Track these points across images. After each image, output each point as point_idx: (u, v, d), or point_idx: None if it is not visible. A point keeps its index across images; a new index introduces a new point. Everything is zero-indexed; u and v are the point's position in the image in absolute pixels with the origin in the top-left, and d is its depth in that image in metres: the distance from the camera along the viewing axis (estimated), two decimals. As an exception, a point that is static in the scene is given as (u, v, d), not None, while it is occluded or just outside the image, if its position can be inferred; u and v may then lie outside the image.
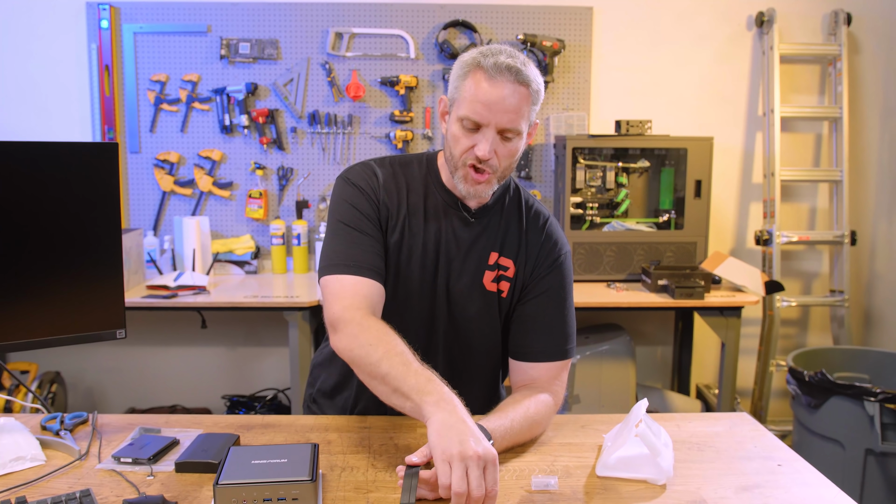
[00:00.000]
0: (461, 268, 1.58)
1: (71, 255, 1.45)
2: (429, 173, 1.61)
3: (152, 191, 3.45)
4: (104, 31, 3.31)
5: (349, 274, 1.47)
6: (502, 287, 1.60)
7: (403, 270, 1.57)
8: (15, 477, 1.33)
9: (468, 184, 1.50)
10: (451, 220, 1.58)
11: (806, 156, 3.60)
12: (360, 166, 1.60)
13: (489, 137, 1.44)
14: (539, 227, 1.63)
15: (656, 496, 1.27)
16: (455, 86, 1.49)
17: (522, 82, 1.43)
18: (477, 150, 1.45)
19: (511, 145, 1.47)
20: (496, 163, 1.47)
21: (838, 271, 3.54)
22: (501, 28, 3.40)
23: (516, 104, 1.43)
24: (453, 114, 1.49)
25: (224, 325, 3.55)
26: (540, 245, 1.61)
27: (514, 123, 1.44)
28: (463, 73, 1.47)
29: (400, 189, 1.59)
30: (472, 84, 1.44)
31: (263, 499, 1.17)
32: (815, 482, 1.33)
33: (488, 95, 1.42)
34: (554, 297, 1.60)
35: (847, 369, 3.11)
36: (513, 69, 1.42)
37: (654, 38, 3.48)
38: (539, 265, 1.60)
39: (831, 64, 3.49)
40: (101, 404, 3.63)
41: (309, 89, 3.41)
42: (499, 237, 1.60)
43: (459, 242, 1.58)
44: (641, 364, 3.62)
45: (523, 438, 1.46)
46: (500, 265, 1.60)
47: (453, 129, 1.49)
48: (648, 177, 3.38)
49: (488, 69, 1.42)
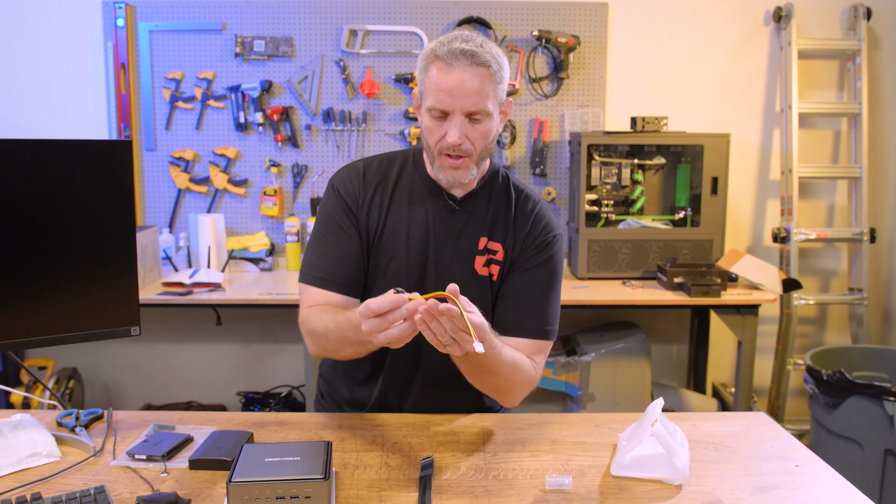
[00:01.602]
0: (452, 255, 1.61)
1: (85, 252, 1.46)
2: (415, 167, 1.65)
3: (168, 188, 3.46)
4: (120, 30, 3.33)
5: (315, 286, 1.58)
6: (493, 270, 1.63)
7: (392, 262, 1.60)
8: (30, 473, 1.33)
9: (446, 171, 1.54)
10: (438, 209, 1.62)
11: (824, 152, 3.56)
12: (346, 168, 1.66)
13: (457, 123, 1.48)
14: (528, 210, 1.65)
15: (672, 497, 1.26)
16: (420, 79, 1.54)
17: (480, 63, 1.45)
18: (448, 138, 1.49)
19: (482, 127, 1.50)
20: (469, 146, 1.51)
21: (857, 269, 3.50)
22: (516, 24, 3.38)
23: (478, 86, 1.46)
24: (423, 106, 1.54)
25: (239, 321, 3.56)
26: (528, 227, 1.63)
27: (479, 105, 1.47)
28: (424, 65, 1.51)
29: (386, 185, 1.63)
30: (433, 74, 1.48)
31: (276, 496, 1.17)
32: (833, 483, 1.32)
33: (448, 82, 1.46)
34: (539, 276, 1.61)
35: (866, 368, 3.08)
36: (468, 53, 1.45)
37: (670, 34, 3.46)
38: (527, 246, 1.62)
39: (850, 59, 3.45)
40: (117, 400, 3.65)
41: (323, 87, 3.41)
42: (487, 222, 1.63)
43: (448, 231, 1.61)
44: (657, 362, 3.60)
45: (504, 362, 1.43)
46: (490, 249, 1.62)
47: (425, 120, 1.53)
48: (664, 174, 3.35)
49: (444, 57, 1.46)
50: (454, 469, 1.36)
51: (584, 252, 3.19)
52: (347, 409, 1.73)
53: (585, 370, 3.12)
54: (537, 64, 3.41)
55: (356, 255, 1.60)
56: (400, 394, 1.67)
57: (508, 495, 1.26)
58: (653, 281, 3.18)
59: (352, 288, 1.59)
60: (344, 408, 1.74)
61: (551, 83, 3.43)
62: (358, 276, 1.61)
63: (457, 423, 1.57)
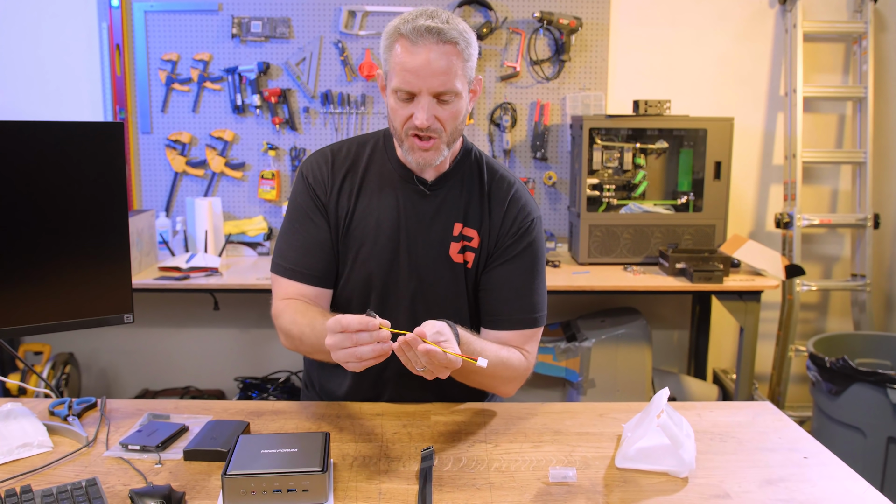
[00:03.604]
0: (425, 242, 1.56)
1: (76, 238, 1.42)
2: (385, 149, 1.59)
3: (164, 171, 3.42)
4: (115, 10, 3.27)
5: (286, 277, 1.57)
6: (468, 258, 1.57)
7: (362, 250, 1.56)
8: (22, 464, 1.30)
9: (415, 154, 1.47)
10: (409, 194, 1.56)
11: (828, 137, 3.52)
12: (316, 155, 1.61)
13: (424, 105, 1.41)
14: (503, 193, 1.59)
15: (678, 489, 1.24)
16: (384, 58, 1.46)
17: (447, 41, 1.38)
18: (415, 120, 1.42)
19: (451, 107, 1.44)
20: (439, 127, 1.44)
21: (860, 255, 3.47)
22: (517, 5, 3.32)
23: (445, 66, 1.39)
24: (388, 87, 1.46)
25: (237, 306, 3.53)
26: (504, 212, 1.57)
27: (447, 85, 1.40)
28: (388, 43, 1.44)
29: (356, 170, 1.58)
30: (398, 53, 1.41)
31: (273, 489, 1.14)
32: (842, 476, 1.29)
33: (413, 62, 1.38)
34: (521, 265, 1.57)
35: (869, 355, 3.05)
36: (433, 30, 1.37)
37: (674, 16, 3.40)
38: (504, 233, 1.57)
39: (856, 42, 3.40)
40: (114, 385, 3.63)
41: (321, 68, 3.36)
42: (461, 207, 1.57)
43: (420, 216, 1.56)
44: (658, 348, 3.57)
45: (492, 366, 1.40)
46: (465, 235, 1.57)
47: (390, 101, 1.46)
48: (666, 158, 3.31)
49: (409, 35, 1.39)
50: (455, 460, 1.33)
51: (585, 237, 3.15)
52: (325, 399, 1.69)
53: (586, 356, 3.09)
54: (539, 46, 3.36)
55: (325, 246, 1.56)
56: (374, 385, 1.62)
57: (511, 488, 1.23)
58: (654, 266, 3.15)
59: (323, 279, 1.57)
60: (324, 398, 1.70)
61: (553, 66, 3.38)
62: (329, 267, 1.57)
63: (458, 413, 1.54)
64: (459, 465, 1.31)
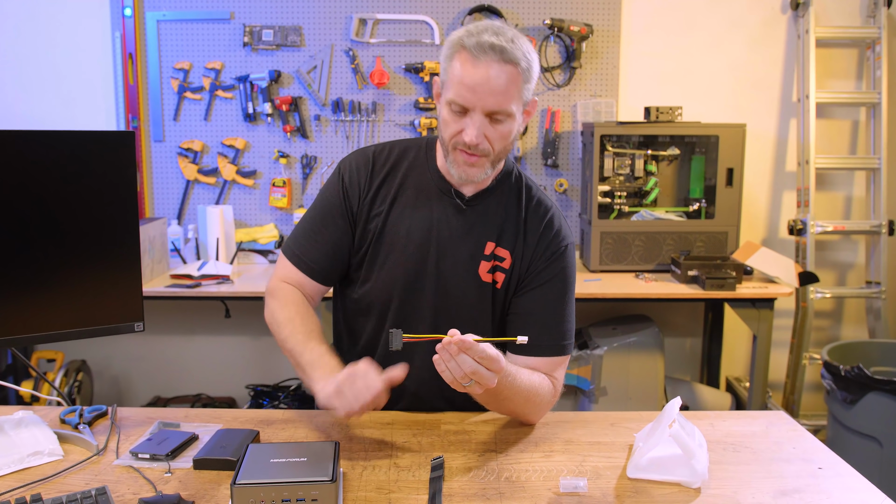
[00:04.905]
0: (454, 256, 1.54)
1: (88, 246, 1.42)
2: (427, 158, 1.58)
3: (176, 179, 3.43)
4: (128, 19, 3.29)
5: (293, 263, 1.60)
6: (497, 278, 1.55)
7: (389, 258, 1.54)
8: (32, 472, 1.30)
9: (460, 168, 1.46)
10: (445, 206, 1.54)
11: (842, 143, 3.50)
12: (357, 154, 1.60)
13: (476, 122, 1.39)
14: (539, 216, 1.56)
15: (691, 500, 1.22)
16: (443, 67, 1.44)
17: (509, 61, 1.36)
18: (464, 136, 1.40)
19: (502, 128, 1.42)
20: (487, 146, 1.42)
21: (875, 262, 3.43)
22: (528, 12, 3.32)
23: (503, 85, 1.36)
24: (443, 96, 1.45)
25: (248, 314, 3.53)
26: (539, 236, 1.55)
27: (502, 105, 1.38)
28: (449, 53, 1.42)
29: (394, 176, 1.56)
30: (457, 66, 1.39)
31: (282, 499, 1.14)
32: (858, 487, 1.27)
33: (472, 77, 1.36)
34: (552, 291, 1.54)
35: (884, 363, 3.02)
36: (497, 48, 1.35)
37: (686, 22, 3.39)
38: (538, 257, 1.54)
39: (870, 48, 3.38)
40: (126, 393, 3.64)
41: (333, 76, 3.37)
42: (496, 226, 1.55)
43: (452, 230, 1.54)
44: (670, 356, 3.55)
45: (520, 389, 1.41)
46: (497, 255, 1.54)
47: (443, 112, 1.45)
48: (678, 165, 3.30)
49: (471, 49, 1.36)
50: (465, 470, 1.32)
51: (596, 244, 3.14)
52: None
53: (598, 364, 3.07)
54: (549, 53, 3.36)
55: (339, 248, 1.57)
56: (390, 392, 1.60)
57: (521, 498, 1.22)
58: (666, 274, 3.13)
59: (325, 277, 1.60)
60: None
61: (563, 72, 3.38)
62: (334, 267, 1.59)
63: (468, 422, 1.53)
64: (469, 474, 1.31)
